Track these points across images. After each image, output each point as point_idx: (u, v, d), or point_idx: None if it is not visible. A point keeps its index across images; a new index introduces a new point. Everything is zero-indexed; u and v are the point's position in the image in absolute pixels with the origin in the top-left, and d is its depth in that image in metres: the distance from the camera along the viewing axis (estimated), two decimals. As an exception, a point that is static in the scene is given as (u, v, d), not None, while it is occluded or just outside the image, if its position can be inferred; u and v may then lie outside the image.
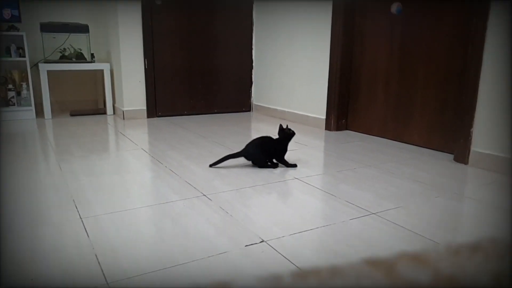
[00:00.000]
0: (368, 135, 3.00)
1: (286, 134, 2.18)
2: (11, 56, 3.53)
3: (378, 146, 2.66)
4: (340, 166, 2.17)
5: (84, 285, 1.03)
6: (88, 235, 1.31)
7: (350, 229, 1.38)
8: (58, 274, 1.08)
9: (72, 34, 3.79)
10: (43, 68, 3.56)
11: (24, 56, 3.51)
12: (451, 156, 2.36)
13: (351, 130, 3.19)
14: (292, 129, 2.19)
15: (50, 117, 3.67)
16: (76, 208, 1.55)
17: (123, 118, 3.66)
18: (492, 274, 0.23)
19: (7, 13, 3.44)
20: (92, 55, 3.90)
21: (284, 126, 2.20)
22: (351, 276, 0.23)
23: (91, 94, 4.34)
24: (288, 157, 2.36)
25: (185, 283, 1.06)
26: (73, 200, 1.63)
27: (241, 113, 4.16)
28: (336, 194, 1.73)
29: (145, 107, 3.74)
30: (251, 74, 4.20)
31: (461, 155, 2.23)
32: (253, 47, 4.14)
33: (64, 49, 3.83)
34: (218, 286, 0.23)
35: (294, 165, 2.16)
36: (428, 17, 2.51)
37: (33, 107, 3.62)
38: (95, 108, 4.24)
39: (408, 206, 1.60)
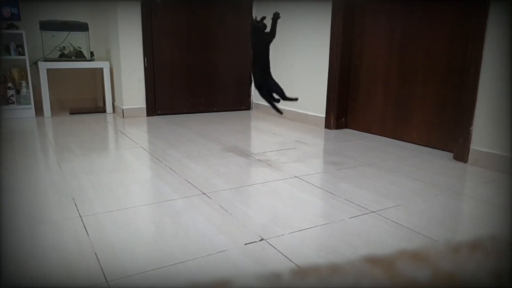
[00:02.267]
0: (368, 134, 3.00)
1: (254, 27, 1.89)
2: (10, 55, 3.52)
3: (378, 144, 2.67)
4: (339, 165, 2.17)
5: (84, 283, 1.03)
6: (87, 234, 1.31)
7: (350, 227, 1.38)
8: (58, 272, 1.08)
9: (71, 32, 3.78)
10: (43, 66, 3.56)
11: (24, 55, 3.50)
12: (451, 155, 2.36)
13: (351, 129, 3.19)
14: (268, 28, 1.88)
15: (50, 115, 3.66)
16: (76, 206, 1.55)
17: (123, 117, 3.66)
18: (491, 272, 0.23)
19: (6, 11, 3.44)
20: (92, 54, 3.90)
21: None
22: (350, 274, 0.23)
23: (91, 92, 4.33)
24: (287, 155, 2.36)
25: (184, 281, 1.06)
26: (73, 199, 1.63)
27: (241, 111, 4.16)
28: (335, 193, 1.73)
29: (144, 106, 3.74)
30: (251, 72, 4.20)
31: (461, 154, 2.24)
32: (253, 45, 4.13)
33: (64, 47, 3.82)
34: (217, 284, 0.23)
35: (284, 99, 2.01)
36: (427, 16, 2.51)
37: (32, 106, 3.62)
38: (94, 106, 4.24)
39: (407, 204, 1.60)
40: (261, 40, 1.97)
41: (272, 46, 4.03)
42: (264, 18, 1.94)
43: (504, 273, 0.22)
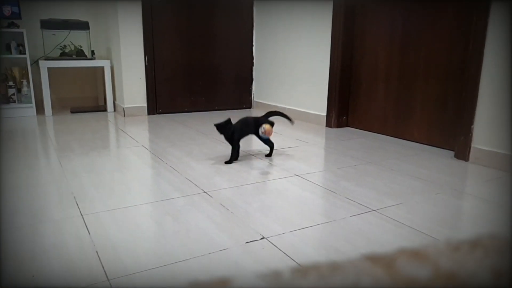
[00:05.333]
0: (369, 132, 3.00)
1: (220, 129, 2.09)
2: (11, 53, 3.52)
3: (379, 143, 2.66)
4: (340, 163, 2.17)
5: (85, 282, 1.03)
6: (89, 232, 1.32)
7: (351, 225, 1.38)
8: (59, 270, 1.09)
9: (72, 31, 3.78)
10: (44, 65, 3.56)
11: (25, 53, 3.50)
12: (452, 153, 2.36)
13: (352, 127, 3.19)
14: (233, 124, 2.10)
15: (51, 114, 3.67)
16: (77, 205, 1.55)
17: (124, 115, 3.66)
18: (492, 270, 0.23)
19: (7, 10, 3.44)
20: (93, 52, 3.90)
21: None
22: (351, 272, 0.23)
23: (92, 91, 4.33)
24: (288, 153, 2.36)
25: (185, 279, 1.06)
26: (74, 197, 1.63)
27: (242, 110, 4.16)
28: (336, 191, 1.73)
29: (145, 104, 3.74)
30: (252, 71, 4.20)
31: (462, 152, 2.23)
32: (254, 43, 4.13)
33: (65, 46, 3.83)
34: (218, 283, 0.23)
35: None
36: (428, 14, 2.50)
37: (33, 104, 3.62)
38: (95, 105, 4.24)
39: (408, 202, 1.60)
40: (231, 130, 2.11)
41: (273, 44, 4.02)
42: (228, 121, 2.10)
43: (504, 271, 0.23)
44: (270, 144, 2.28)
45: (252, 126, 2.18)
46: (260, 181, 1.86)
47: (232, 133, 2.11)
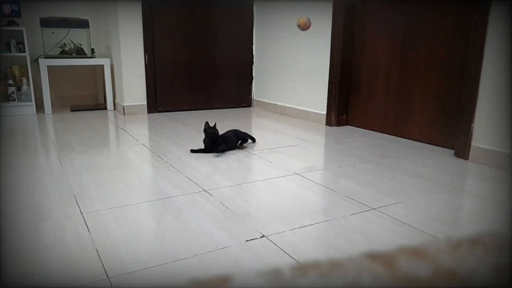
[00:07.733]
0: (369, 131, 3.00)
1: (207, 133, 2.29)
2: (11, 51, 3.52)
3: (379, 141, 2.66)
4: (340, 162, 2.17)
5: (85, 280, 1.04)
6: (89, 230, 1.32)
7: (350, 224, 1.38)
8: (59, 269, 1.09)
9: (72, 29, 3.78)
10: (43, 63, 3.56)
11: (24, 51, 3.50)
12: (452, 152, 2.36)
13: (352, 126, 3.19)
14: (218, 129, 2.30)
15: (51, 112, 3.66)
16: (77, 203, 1.55)
17: (124, 114, 3.66)
18: (491, 267, 0.23)
19: (7, 8, 3.43)
20: (92, 50, 3.89)
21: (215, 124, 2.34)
22: (351, 270, 0.23)
23: (92, 89, 4.33)
24: (288, 152, 2.36)
25: (185, 277, 1.06)
26: (74, 195, 1.63)
27: (242, 108, 4.16)
28: (336, 189, 1.73)
29: (145, 102, 3.74)
30: (252, 69, 4.20)
31: (462, 151, 2.23)
32: (254, 42, 4.13)
33: (64, 44, 3.82)
34: (218, 281, 0.23)
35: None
36: (429, 12, 2.50)
37: (33, 102, 3.62)
38: (95, 103, 4.24)
39: (408, 201, 1.60)
40: (214, 139, 2.31)
41: (273, 43, 4.02)
42: (214, 126, 2.33)
43: (504, 269, 0.23)
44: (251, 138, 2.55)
45: (233, 139, 2.40)
46: (260, 180, 1.86)
47: (217, 140, 2.30)
